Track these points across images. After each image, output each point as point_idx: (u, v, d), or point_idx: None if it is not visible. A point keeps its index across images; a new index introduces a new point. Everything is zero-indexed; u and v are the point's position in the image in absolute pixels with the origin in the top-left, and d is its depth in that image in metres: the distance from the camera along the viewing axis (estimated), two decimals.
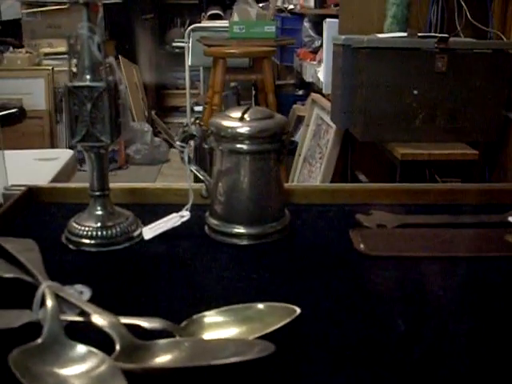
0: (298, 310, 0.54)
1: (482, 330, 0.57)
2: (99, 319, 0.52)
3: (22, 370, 0.46)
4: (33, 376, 0.46)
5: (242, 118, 0.74)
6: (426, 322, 0.59)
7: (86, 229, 0.74)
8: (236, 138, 0.73)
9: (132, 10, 4.97)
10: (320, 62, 2.88)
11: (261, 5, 4.15)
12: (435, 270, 0.70)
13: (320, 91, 2.79)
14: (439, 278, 0.68)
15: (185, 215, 0.77)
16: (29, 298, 0.55)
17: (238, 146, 0.74)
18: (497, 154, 2.04)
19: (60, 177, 1.48)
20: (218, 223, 0.77)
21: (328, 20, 2.58)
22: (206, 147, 0.77)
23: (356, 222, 0.82)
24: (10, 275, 0.62)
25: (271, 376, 0.50)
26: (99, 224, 0.75)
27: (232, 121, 0.74)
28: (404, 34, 2.01)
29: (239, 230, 0.76)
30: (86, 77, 0.72)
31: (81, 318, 0.53)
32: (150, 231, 0.77)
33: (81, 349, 0.49)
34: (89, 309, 0.53)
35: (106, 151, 0.75)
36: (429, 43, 1.88)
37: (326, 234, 0.81)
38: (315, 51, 3.17)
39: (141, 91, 5.01)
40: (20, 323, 0.53)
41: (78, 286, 0.62)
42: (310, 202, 0.89)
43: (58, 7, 4.16)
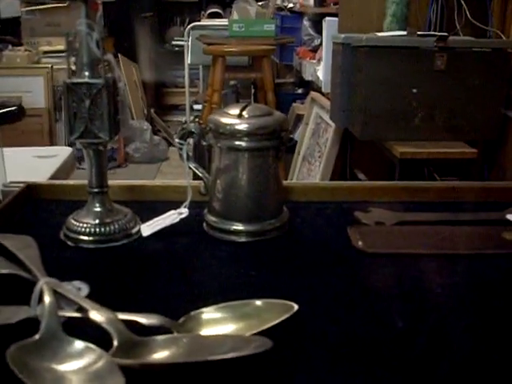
0: (295, 306, 0.54)
1: (480, 327, 0.57)
2: (97, 315, 0.52)
3: (19, 366, 0.46)
4: (31, 372, 0.46)
5: (241, 115, 0.74)
6: (424, 319, 0.59)
7: (85, 225, 0.74)
8: (234, 134, 0.73)
9: (131, 8, 4.97)
10: (319, 61, 2.88)
11: (260, 3, 4.15)
12: (433, 268, 0.70)
13: (319, 90, 2.80)
14: (437, 275, 0.68)
15: (183, 212, 0.77)
16: (27, 294, 0.55)
17: (237, 142, 0.74)
18: (496, 153, 2.04)
19: (59, 174, 1.49)
20: (217, 220, 0.77)
21: (327, 19, 2.58)
22: (204, 144, 0.77)
23: (354, 220, 0.82)
24: (8, 271, 0.62)
25: (268, 372, 0.50)
26: (97, 221, 0.75)
27: (230, 118, 0.74)
28: (403, 32, 2.01)
29: (238, 227, 0.76)
30: (85, 73, 0.71)
31: (79, 314, 0.53)
32: (148, 228, 0.77)
33: (78, 345, 0.49)
34: (87, 305, 0.53)
35: (104, 148, 0.75)
36: (428, 42, 1.88)
37: (325, 231, 0.81)
38: (315, 50, 3.17)
39: (140, 89, 5.01)
40: (18, 319, 0.53)
41: (76, 283, 0.62)
42: (308, 199, 0.89)
43: (57, 5, 4.15)
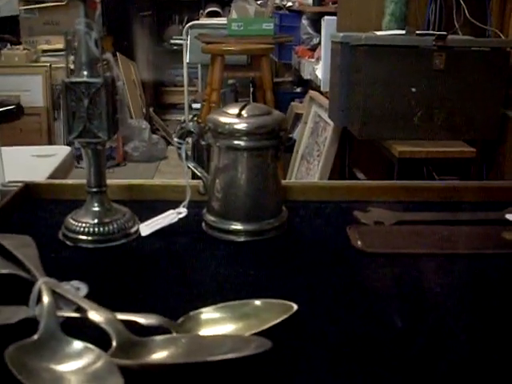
0: (295, 306, 0.54)
1: (480, 326, 0.57)
2: (96, 315, 0.52)
3: (18, 366, 0.46)
4: (29, 372, 0.46)
5: (240, 115, 0.74)
6: (423, 319, 0.59)
7: (83, 225, 0.74)
8: (233, 134, 0.73)
9: (130, 7, 4.97)
10: (318, 60, 2.88)
11: (259, 2, 4.15)
12: (433, 267, 0.70)
13: (318, 89, 2.79)
14: (437, 275, 0.68)
15: (182, 212, 0.77)
16: (25, 294, 0.55)
17: (236, 142, 0.73)
18: (494, 152, 2.04)
19: (57, 173, 1.48)
20: (216, 220, 0.77)
21: (326, 17, 2.58)
22: (203, 144, 0.77)
23: (353, 219, 0.82)
24: (7, 271, 0.62)
25: (268, 372, 0.49)
26: (96, 220, 0.75)
27: (229, 117, 0.74)
28: (402, 31, 2.01)
29: (236, 226, 0.76)
30: (84, 73, 0.71)
31: (77, 314, 0.53)
32: (147, 228, 0.77)
33: (77, 345, 0.49)
34: (85, 305, 0.53)
35: (103, 147, 0.75)
36: (427, 41, 1.88)
37: (324, 230, 0.81)
38: (313, 49, 3.17)
39: (139, 88, 5.00)
40: (16, 319, 0.53)
41: (75, 283, 0.62)
42: (307, 198, 0.89)
43: (55, 4, 4.15)
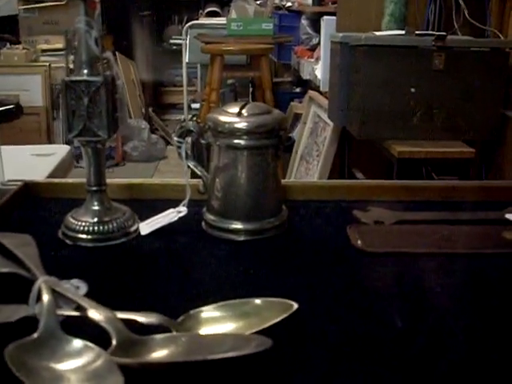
0: (295, 305, 0.54)
1: (480, 326, 0.57)
2: (95, 314, 0.52)
3: (17, 365, 0.45)
4: (29, 370, 0.46)
5: (240, 114, 0.74)
6: (423, 319, 0.59)
7: (83, 224, 0.74)
8: (233, 133, 0.73)
9: (129, 7, 4.96)
10: (317, 60, 2.88)
11: (258, 2, 4.15)
12: (433, 267, 0.70)
13: (317, 89, 2.79)
14: (437, 274, 0.68)
15: (182, 211, 0.77)
16: (25, 292, 0.55)
17: (236, 141, 0.73)
18: (493, 153, 2.04)
19: (57, 172, 1.48)
20: (216, 219, 0.77)
21: (326, 17, 2.58)
22: (203, 143, 0.77)
23: (354, 219, 0.82)
24: (7, 270, 0.62)
25: (268, 371, 0.49)
26: (96, 219, 0.75)
27: (229, 116, 0.74)
28: (402, 31, 2.01)
29: (236, 225, 0.76)
30: (84, 71, 0.71)
31: (77, 313, 0.53)
32: (146, 226, 0.76)
33: (77, 343, 0.49)
34: (85, 303, 0.53)
35: (103, 146, 0.75)
36: (426, 41, 1.88)
37: (324, 230, 0.81)
38: (313, 49, 3.17)
39: (138, 88, 5.00)
40: (16, 318, 0.53)
41: (75, 281, 0.62)
42: (307, 198, 0.89)
43: (55, 3, 4.15)
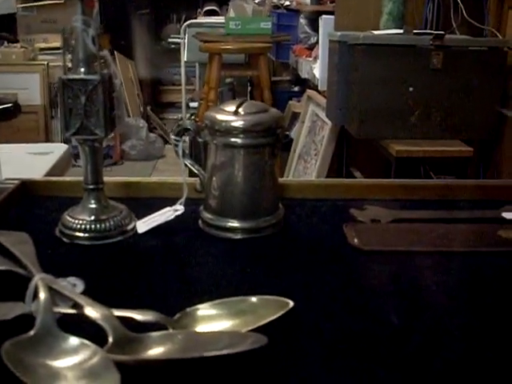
0: (291, 303, 0.54)
1: (475, 324, 0.57)
2: (92, 311, 0.52)
3: (14, 362, 0.45)
4: (25, 368, 0.46)
5: (237, 112, 0.74)
6: (419, 317, 0.59)
7: (80, 222, 0.74)
8: (230, 131, 0.73)
9: (128, 6, 4.96)
10: (316, 59, 2.88)
11: (257, 1, 4.14)
12: (429, 265, 0.70)
13: (315, 88, 2.80)
14: (433, 272, 0.68)
15: (179, 209, 0.77)
16: (22, 290, 0.55)
17: (233, 139, 0.73)
18: (491, 152, 2.05)
19: (54, 171, 1.48)
20: (212, 217, 0.77)
21: (324, 16, 2.58)
22: (200, 141, 0.77)
23: (350, 217, 0.82)
24: (4, 268, 0.62)
25: (264, 368, 0.50)
26: (93, 217, 0.75)
27: (226, 114, 0.74)
28: (400, 30, 2.01)
29: (233, 223, 0.76)
30: (81, 70, 0.71)
31: (74, 311, 0.53)
32: (143, 225, 0.77)
33: (73, 341, 0.49)
34: (82, 301, 0.53)
35: (100, 144, 0.75)
36: (424, 40, 1.88)
37: (320, 228, 0.81)
38: (311, 48, 3.17)
39: (136, 87, 5.00)
40: (13, 315, 0.53)
41: (71, 279, 0.62)
42: (304, 196, 0.89)
43: (53, 2, 4.14)
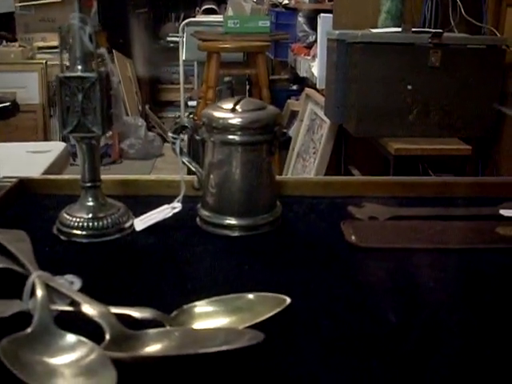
0: (288, 299, 0.54)
1: (473, 321, 0.58)
2: (89, 309, 0.52)
3: (11, 359, 0.45)
4: (22, 365, 0.46)
5: (234, 109, 0.74)
6: (417, 314, 0.59)
7: (78, 220, 0.74)
8: (228, 129, 0.73)
9: (126, 4, 4.96)
10: (314, 57, 2.88)
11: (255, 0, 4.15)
12: (427, 262, 0.70)
13: (314, 86, 2.80)
14: (431, 269, 0.68)
15: (176, 207, 0.77)
16: (19, 287, 0.55)
17: (230, 137, 0.73)
18: (490, 149, 2.05)
19: (52, 169, 1.48)
20: (210, 215, 0.77)
21: (322, 15, 2.58)
22: (197, 139, 0.77)
23: (348, 214, 0.82)
24: (1, 265, 0.62)
25: (261, 365, 0.50)
26: (90, 215, 0.75)
27: (224, 112, 0.74)
28: (398, 29, 2.01)
29: (231, 221, 0.76)
30: (78, 67, 0.71)
31: (71, 308, 0.53)
32: (141, 222, 0.77)
33: (70, 338, 0.49)
34: (79, 298, 0.53)
35: (97, 142, 0.75)
36: (423, 38, 1.88)
37: (318, 225, 0.81)
38: (309, 46, 3.17)
39: (135, 85, 5.00)
40: (10, 313, 0.53)
41: (69, 277, 0.62)
42: (302, 194, 0.89)
43: (51, 1, 4.14)
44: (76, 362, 0.47)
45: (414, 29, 1.97)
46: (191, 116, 3.81)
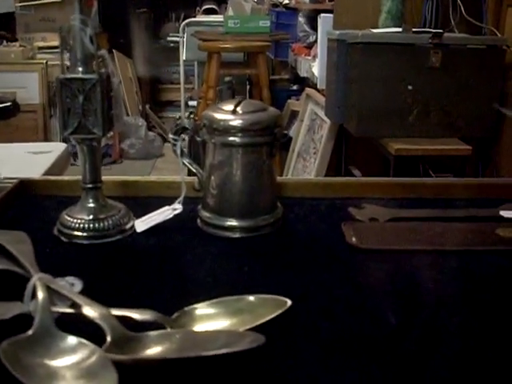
0: (289, 302, 0.54)
1: (473, 322, 0.58)
2: (90, 311, 0.52)
3: (12, 362, 0.46)
4: (23, 367, 0.46)
5: (235, 111, 0.74)
6: (416, 315, 0.59)
7: (78, 221, 0.74)
8: (228, 130, 0.73)
9: (126, 4, 4.96)
10: (315, 57, 2.88)
11: None
12: (427, 264, 0.70)
13: (314, 86, 2.79)
14: (430, 271, 0.68)
15: (177, 208, 0.77)
16: (20, 289, 0.55)
17: (231, 138, 0.74)
18: (490, 150, 2.05)
19: (53, 170, 1.48)
20: (211, 216, 0.77)
21: (323, 15, 2.58)
22: (198, 140, 0.77)
23: (348, 216, 0.82)
24: (2, 267, 0.62)
25: (261, 367, 0.50)
26: (91, 216, 0.75)
27: (224, 113, 0.74)
28: (399, 29, 2.01)
29: (231, 222, 0.76)
30: (79, 69, 0.71)
31: (72, 310, 0.53)
32: (142, 224, 0.77)
33: (71, 340, 0.49)
34: (80, 300, 0.53)
35: (98, 143, 0.75)
36: (423, 39, 1.88)
37: (318, 227, 0.81)
38: (310, 46, 3.17)
39: (135, 85, 5.00)
40: (11, 315, 0.53)
41: (70, 278, 0.62)
42: (302, 195, 0.89)
43: (52, 0, 4.14)
44: (77, 365, 0.47)
45: (414, 29, 1.97)
46: (191, 116, 3.81)
